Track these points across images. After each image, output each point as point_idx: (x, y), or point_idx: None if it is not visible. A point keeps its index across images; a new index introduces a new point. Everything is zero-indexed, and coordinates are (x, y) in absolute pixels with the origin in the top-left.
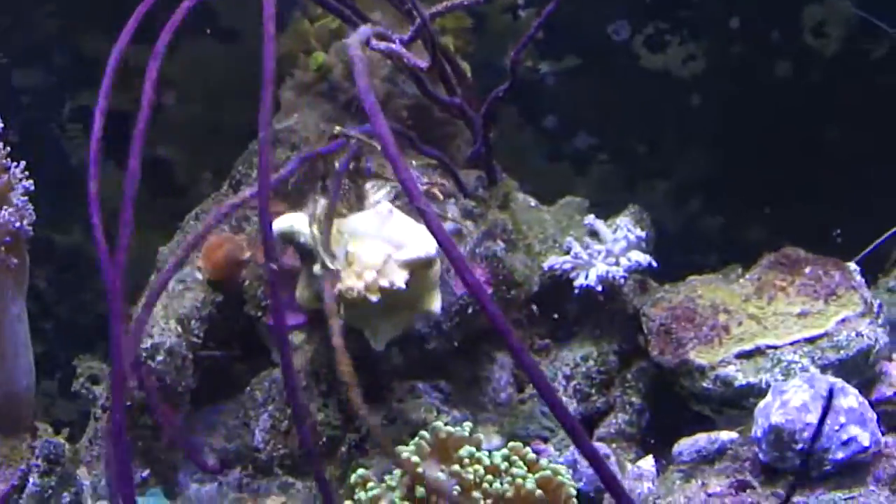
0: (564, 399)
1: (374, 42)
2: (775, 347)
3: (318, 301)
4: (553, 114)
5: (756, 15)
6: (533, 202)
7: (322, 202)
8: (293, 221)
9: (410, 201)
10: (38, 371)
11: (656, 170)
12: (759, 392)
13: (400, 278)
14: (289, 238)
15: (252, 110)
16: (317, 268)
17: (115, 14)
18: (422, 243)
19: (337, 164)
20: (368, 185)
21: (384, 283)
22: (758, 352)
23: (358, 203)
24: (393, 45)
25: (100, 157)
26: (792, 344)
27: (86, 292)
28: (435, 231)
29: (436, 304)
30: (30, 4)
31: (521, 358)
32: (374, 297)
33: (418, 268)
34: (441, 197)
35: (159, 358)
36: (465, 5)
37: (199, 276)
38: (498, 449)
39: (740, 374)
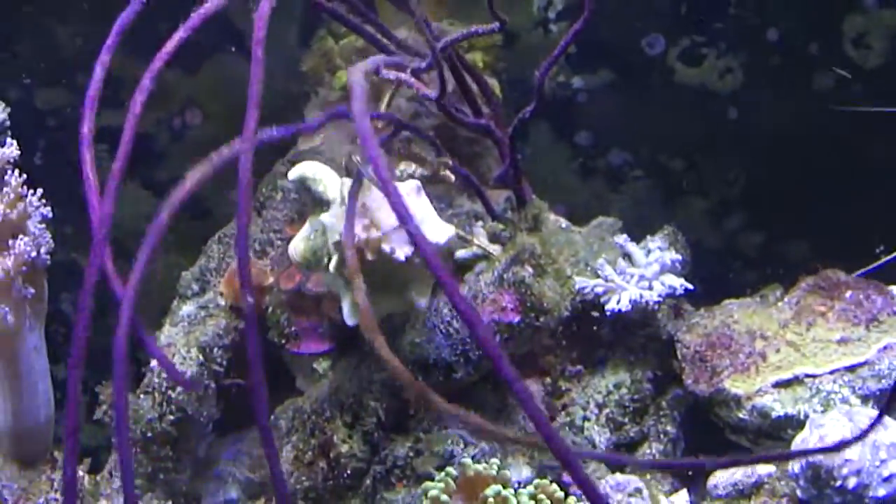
0: (596, 428)
1: (383, 71)
2: (814, 376)
3: (312, 256)
4: (586, 129)
5: (794, 26)
6: (564, 223)
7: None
8: (315, 169)
9: (400, 222)
10: (65, 395)
11: (693, 186)
12: (797, 423)
13: (402, 251)
14: (305, 184)
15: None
16: (326, 216)
17: (138, 33)
18: (437, 230)
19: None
20: (403, 165)
21: (386, 247)
22: (796, 381)
23: None
24: (402, 75)
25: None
26: (831, 373)
27: (111, 316)
28: (423, 249)
29: (424, 298)
30: (53, 24)
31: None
32: (370, 256)
33: None
34: (452, 178)
35: (180, 388)
36: (480, 34)
37: (222, 302)
38: (528, 482)
39: (777, 405)
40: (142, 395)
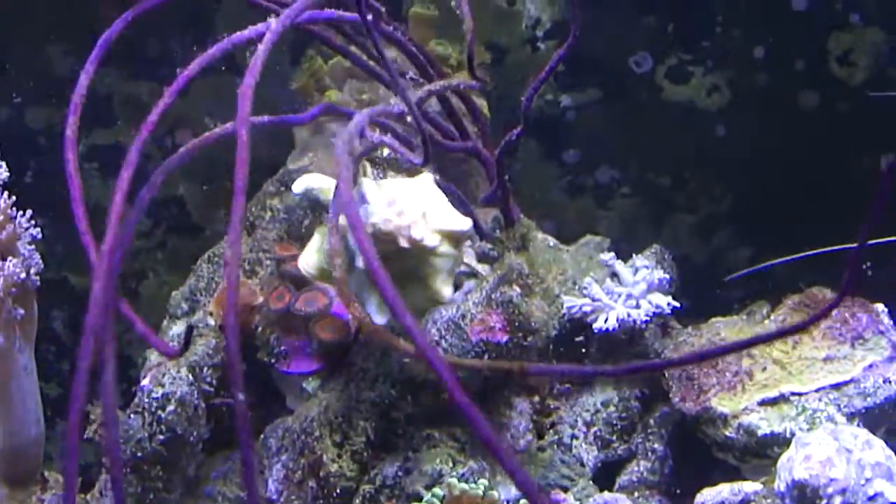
0: (584, 446)
1: (368, 133)
2: (800, 394)
3: (323, 269)
4: (574, 147)
5: (781, 44)
6: (552, 242)
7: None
8: (319, 180)
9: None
10: (55, 413)
11: (681, 203)
12: (783, 441)
13: (431, 238)
14: (311, 195)
15: (271, 148)
16: (342, 219)
17: (129, 53)
18: (457, 219)
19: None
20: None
21: (416, 234)
22: (782, 399)
23: None
24: (386, 138)
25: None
26: (817, 391)
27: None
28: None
29: (448, 288)
30: (43, 43)
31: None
32: (404, 243)
33: (447, 239)
34: None
35: (170, 408)
36: (461, 88)
37: (211, 321)
38: (517, 500)
39: (764, 423)
40: (132, 415)
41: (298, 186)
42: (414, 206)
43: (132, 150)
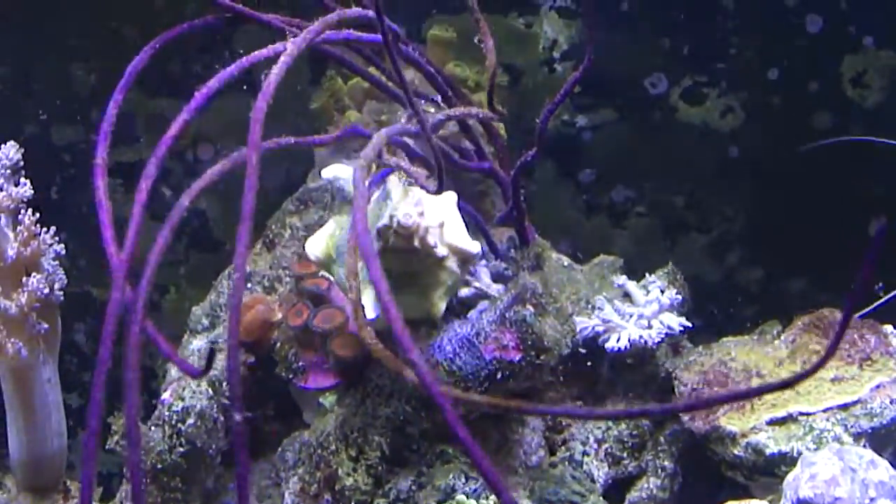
0: (595, 463)
1: (385, 156)
2: (808, 414)
3: (334, 252)
4: (590, 167)
5: (794, 66)
6: (566, 261)
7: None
8: (348, 171)
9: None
10: (77, 423)
11: (694, 223)
12: (790, 461)
13: (442, 249)
14: (336, 184)
15: (289, 166)
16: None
17: (150, 71)
18: (470, 240)
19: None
20: None
21: (430, 239)
22: (790, 419)
23: None
24: (402, 162)
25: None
26: (825, 411)
27: (123, 345)
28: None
29: (442, 305)
30: (68, 62)
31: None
32: (416, 243)
33: (456, 256)
34: None
35: (190, 421)
36: (479, 118)
37: None
38: None
39: (771, 442)
40: (152, 427)
41: (327, 172)
42: (436, 215)
43: (150, 162)
